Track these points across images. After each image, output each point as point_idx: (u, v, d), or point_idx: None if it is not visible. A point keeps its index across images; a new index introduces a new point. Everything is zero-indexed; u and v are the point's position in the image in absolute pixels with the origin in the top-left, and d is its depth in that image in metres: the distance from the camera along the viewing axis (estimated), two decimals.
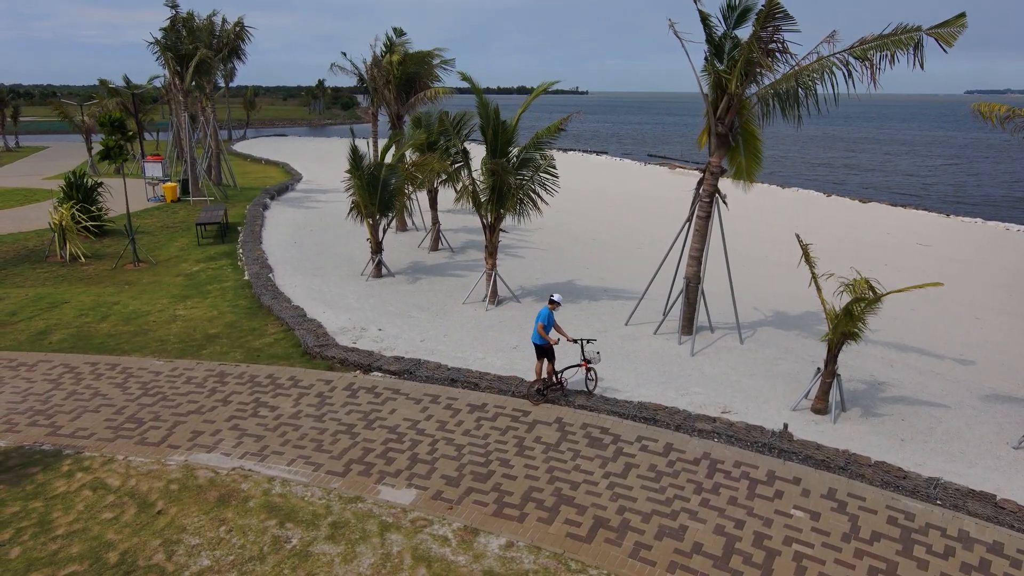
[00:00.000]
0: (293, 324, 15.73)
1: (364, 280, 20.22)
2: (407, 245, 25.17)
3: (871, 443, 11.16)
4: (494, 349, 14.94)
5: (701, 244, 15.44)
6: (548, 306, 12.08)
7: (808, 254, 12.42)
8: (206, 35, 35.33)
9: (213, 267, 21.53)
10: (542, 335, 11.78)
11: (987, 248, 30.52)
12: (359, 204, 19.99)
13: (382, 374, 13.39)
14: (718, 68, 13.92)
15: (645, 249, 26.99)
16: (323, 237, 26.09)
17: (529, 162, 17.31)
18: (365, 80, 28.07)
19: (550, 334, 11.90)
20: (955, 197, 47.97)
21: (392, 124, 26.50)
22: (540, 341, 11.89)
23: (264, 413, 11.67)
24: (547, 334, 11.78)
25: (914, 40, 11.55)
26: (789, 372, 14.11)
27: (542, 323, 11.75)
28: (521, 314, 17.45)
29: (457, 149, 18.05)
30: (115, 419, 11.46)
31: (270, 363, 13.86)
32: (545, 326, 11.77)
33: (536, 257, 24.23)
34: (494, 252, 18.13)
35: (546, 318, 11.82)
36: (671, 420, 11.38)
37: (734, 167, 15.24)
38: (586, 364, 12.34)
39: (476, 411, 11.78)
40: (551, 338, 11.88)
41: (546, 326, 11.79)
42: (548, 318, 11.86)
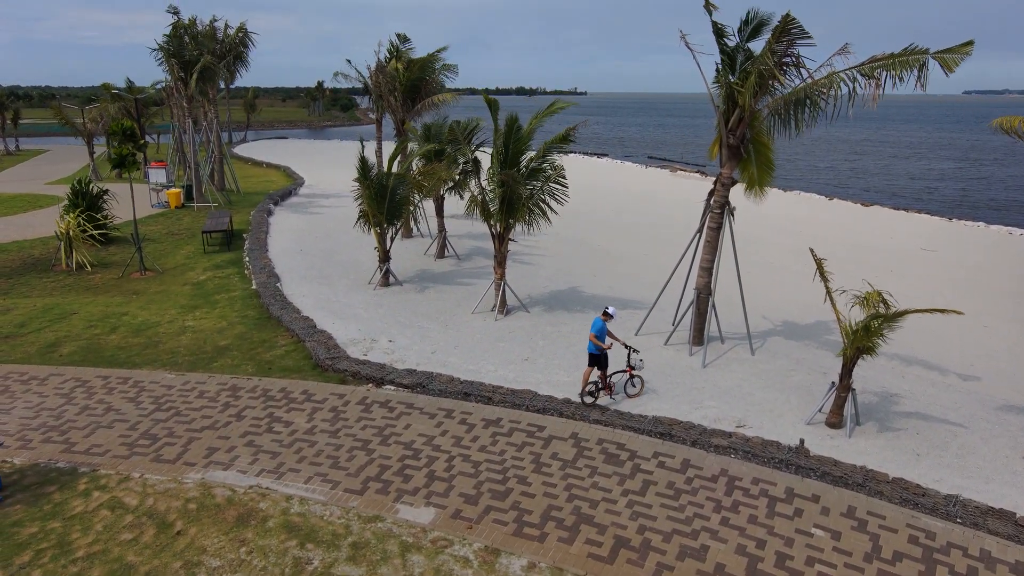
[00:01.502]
0: (303, 336, 15.70)
1: (372, 289, 20.20)
2: (413, 252, 25.15)
3: (887, 458, 11.15)
4: (505, 361, 14.92)
5: (712, 255, 15.43)
6: (601, 317, 12.70)
7: (822, 268, 12.40)
8: (209, 41, 35.28)
9: (220, 276, 21.49)
10: (595, 343, 12.42)
11: (992, 253, 30.51)
12: (367, 213, 19.96)
13: (395, 387, 13.37)
14: (730, 80, 13.91)
15: (652, 256, 26.99)
16: (329, 244, 26.06)
17: (539, 172, 17.29)
18: (369, 87, 28.07)
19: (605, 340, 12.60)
20: (957, 201, 47.99)
21: (397, 130, 26.48)
22: (594, 350, 12.54)
23: (279, 429, 11.64)
24: (601, 343, 12.45)
25: (920, 62, 11.56)
26: (801, 384, 14.11)
27: (594, 333, 12.43)
28: (530, 324, 17.43)
29: (467, 158, 18.03)
30: (129, 435, 11.43)
31: (282, 376, 13.83)
32: (597, 336, 12.44)
33: (542, 264, 24.22)
34: (503, 262, 18.11)
35: (599, 329, 12.50)
36: (687, 435, 11.37)
37: (745, 178, 15.23)
38: (631, 371, 12.99)
39: (491, 426, 11.76)
40: (604, 344, 12.50)
41: (598, 336, 12.45)
42: (601, 329, 12.53)
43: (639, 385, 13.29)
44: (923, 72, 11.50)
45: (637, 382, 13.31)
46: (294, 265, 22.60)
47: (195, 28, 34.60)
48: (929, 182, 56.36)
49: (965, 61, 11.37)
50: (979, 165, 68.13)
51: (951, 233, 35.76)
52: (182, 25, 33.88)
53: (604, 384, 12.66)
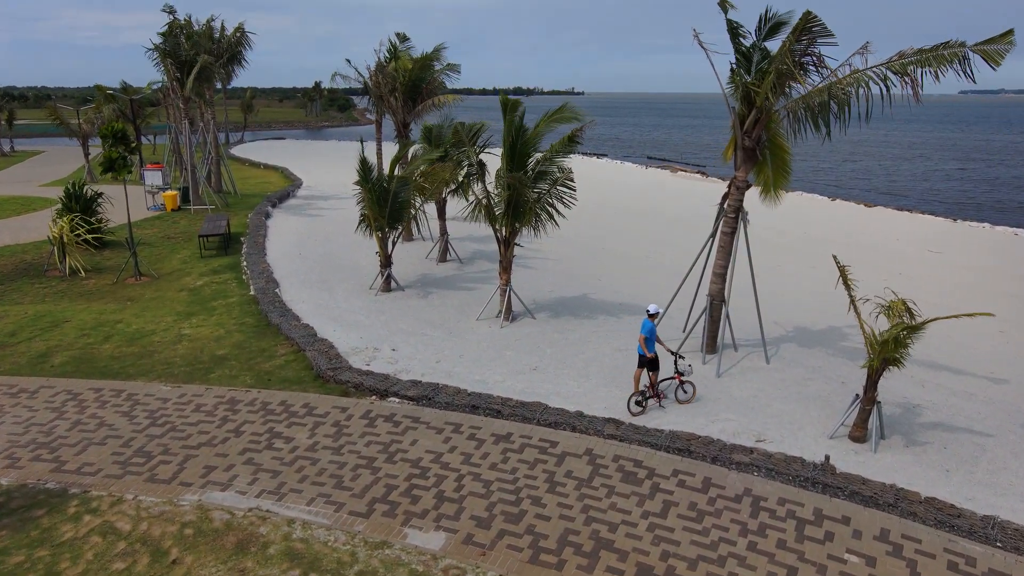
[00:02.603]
0: (303, 344, 15.18)
1: (373, 295, 19.68)
2: (414, 256, 24.63)
3: (916, 475, 10.69)
4: (513, 371, 14.42)
5: (726, 261, 14.96)
6: (648, 318, 12.51)
7: (846, 277, 11.94)
8: (206, 41, 34.71)
9: (217, 281, 20.95)
10: (643, 346, 12.29)
11: (999, 255, 30.10)
12: (368, 216, 19.45)
13: (399, 400, 12.86)
14: (746, 81, 13.43)
15: (655, 258, 26.53)
16: (328, 247, 25.53)
17: (546, 174, 16.80)
18: (369, 88, 27.54)
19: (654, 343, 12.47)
20: (961, 201, 47.59)
21: (398, 132, 25.96)
22: (644, 353, 12.41)
23: (279, 445, 11.13)
24: (648, 348, 12.32)
25: (959, 56, 11.08)
26: (820, 394, 13.63)
27: (644, 335, 12.25)
28: (537, 331, 16.93)
29: (472, 161, 17.53)
30: (122, 452, 10.90)
31: (282, 388, 13.31)
32: (648, 338, 12.25)
33: (546, 268, 23.72)
34: (509, 267, 17.61)
35: (649, 331, 12.32)
36: (706, 451, 10.88)
37: (761, 181, 14.76)
38: (679, 377, 12.77)
39: (501, 441, 11.26)
40: (649, 351, 12.37)
41: (648, 338, 12.27)
42: (651, 331, 12.35)
43: (691, 391, 13.05)
44: (966, 66, 11.00)
45: (688, 388, 13.09)
46: (293, 270, 22.08)
47: (191, 28, 34.02)
48: (932, 183, 56.01)
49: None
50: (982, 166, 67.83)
51: (956, 234, 35.36)
52: (178, 24, 33.32)
53: (654, 392, 12.49)
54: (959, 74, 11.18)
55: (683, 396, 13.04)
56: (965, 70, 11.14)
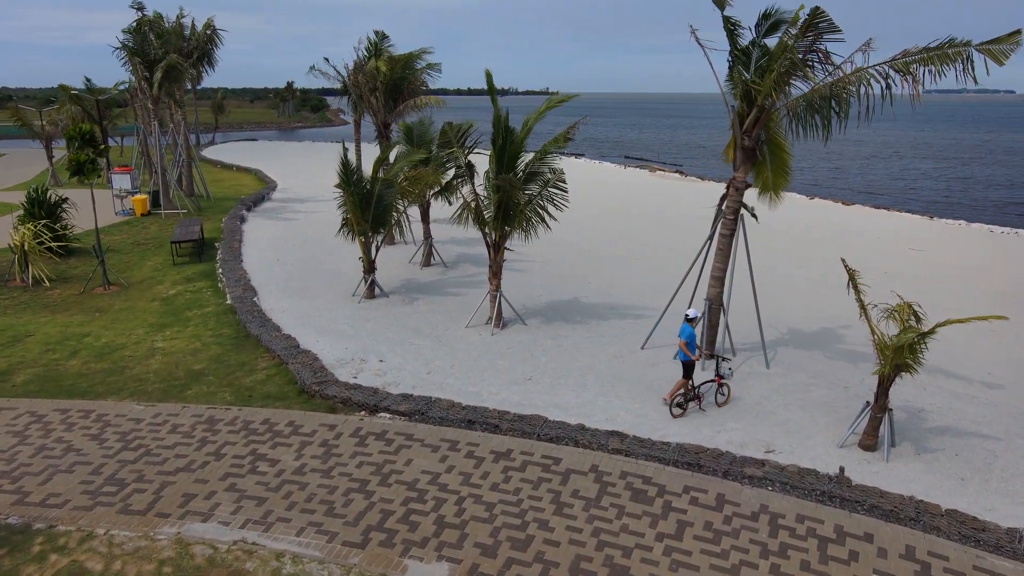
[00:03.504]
0: (286, 357, 14.41)
1: (357, 302, 18.93)
2: (398, 260, 23.90)
3: (931, 485, 10.34)
4: (508, 381, 13.83)
5: (724, 263, 14.54)
6: (688, 323, 12.38)
7: (855, 280, 11.56)
8: (176, 39, 33.52)
9: (191, 290, 20.01)
10: (685, 352, 12.18)
11: (979, 252, 30.27)
12: (351, 221, 18.70)
13: (391, 415, 12.19)
14: (747, 79, 13.01)
15: (642, 258, 26.15)
16: (307, 253, 24.67)
17: (537, 176, 16.24)
18: (348, 86, 26.73)
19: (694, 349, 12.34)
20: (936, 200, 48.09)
21: (379, 133, 25.19)
22: (684, 358, 12.28)
23: (264, 469, 10.39)
24: (691, 352, 12.18)
25: (963, 55, 10.77)
26: (824, 400, 13.27)
27: (684, 341, 12.14)
28: (529, 338, 16.36)
29: (460, 163, 16.90)
30: (92, 481, 10.07)
31: (264, 405, 12.55)
32: (688, 343, 12.15)
33: (533, 271, 23.17)
34: (498, 272, 17.01)
35: (690, 336, 12.19)
36: (717, 465, 10.41)
37: (760, 182, 14.37)
38: (719, 380, 12.64)
39: (501, 459, 10.66)
40: (694, 354, 12.21)
41: (689, 343, 12.16)
42: (691, 336, 12.22)
43: (727, 393, 12.91)
44: (968, 66, 10.70)
45: (725, 390, 12.93)
46: (271, 277, 21.21)
47: (161, 25, 32.80)
48: (907, 182, 56.65)
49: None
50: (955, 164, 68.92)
51: (935, 232, 35.58)
52: (147, 22, 32.08)
53: (694, 395, 12.34)
54: (960, 74, 10.87)
55: (720, 399, 12.91)
56: (967, 70, 10.83)
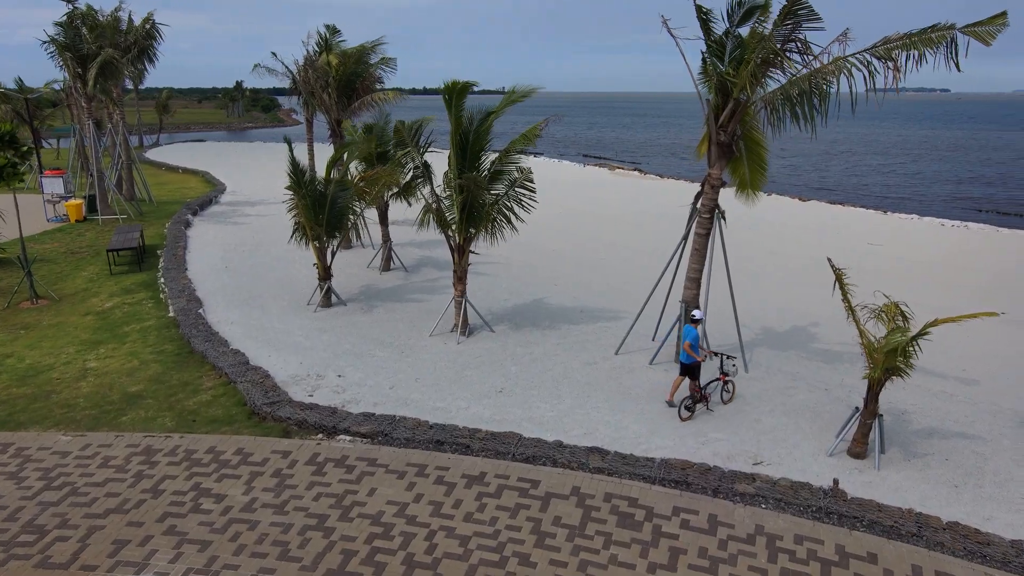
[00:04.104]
0: (234, 375, 13.22)
1: (312, 311, 17.75)
2: (355, 265, 22.73)
3: (926, 494, 9.88)
4: (478, 395, 12.95)
5: (700, 264, 13.95)
6: (691, 324, 12.18)
7: (843, 282, 11.04)
8: (111, 33, 31.49)
9: (130, 302, 18.50)
10: (689, 353, 11.91)
11: (936, 246, 30.62)
12: (303, 225, 17.52)
13: (351, 438, 11.16)
14: (721, 71, 12.41)
15: (608, 259, 25.53)
16: (258, 259, 23.28)
17: (502, 175, 15.39)
18: (297, 83, 25.41)
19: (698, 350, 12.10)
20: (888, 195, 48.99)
21: (332, 131, 23.97)
22: (688, 360, 12.03)
23: (208, 506, 9.27)
24: (696, 353, 11.94)
25: (947, 39, 10.36)
26: (807, 405, 12.79)
27: (689, 343, 11.89)
28: (498, 346, 15.50)
29: (417, 163, 15.92)
30: (7, 529, 8.80)
31: (210, 430, 11.38)
32: (692, 345, 11.91)
33: (498, 273, 22.31)
34: (463, 277, 16.10)
35: (694, 338, 11.96)
36: (705, 482, 9.73)
37: (736, 179, 13.83)
38: (724, 377, 12.50)
39: (474, 484, 9.77)
40: (699, 356, 11.96)
41: (693, 344, 11.92)
42: (696, 337, 12.00)
43: (732, 390, 12.82)
44: (952, 50, 10.27)
45: (730, 387, 12.82)
46: (219, 286, 19.82)
47: (94, 18, 30.75)
48: (859, 178, 57.74)
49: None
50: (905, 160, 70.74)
51: (890, 226, 35.93)
52: (79, 14, 30.01)
53: (701, 396, 12.13)
54: (946, 59, 10.46)
55: (726, 396, 12.77)
56: (951, 54, 10.42)
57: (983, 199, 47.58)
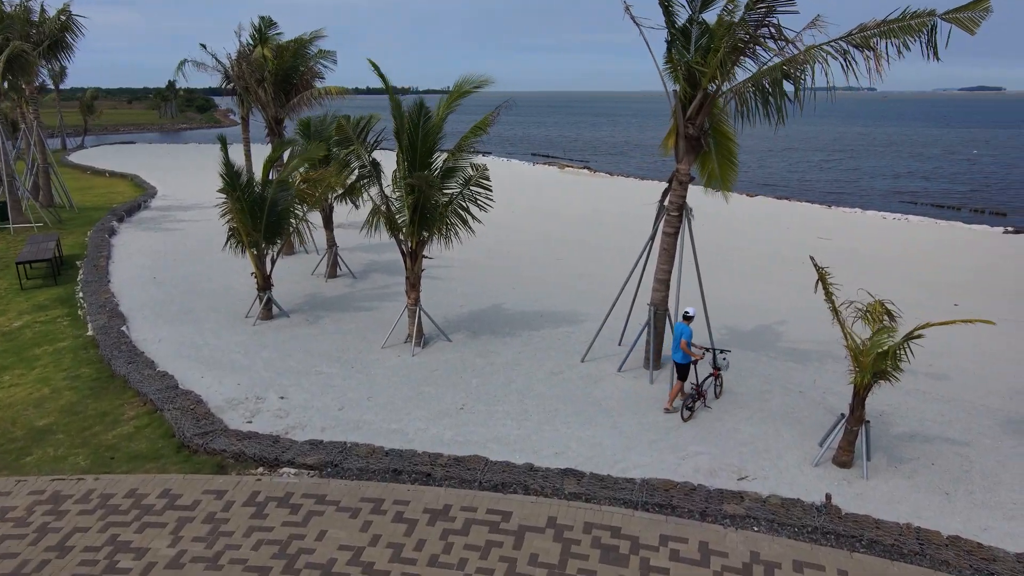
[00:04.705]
0: (161, 402, 11.75)
1: (251, 325, 16.28)
2: (298, 273, 21.25)
3: (919, 504, 9.34)
4: (437, 413, 11.86)
5: (669, 265, 13.22)
6: (684, 322, 11.81)
7: (826, 281, 10.43)
8: (21, 24, 28.91)
9: (42, 320, 16.62)
10: (687, 351, 11.60)
11: (881, 238, 31.02)
12: (239, 231, 16.04)
13: (296, 471, 9.92)
14: (688, 59, 11.67)
15: (565, 258, 24.75)
16: (191, 268, 21.52)
17: (455, 173, 14.34)
18: (230, 77, 23.71)
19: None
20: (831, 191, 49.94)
21: (270, 129, 22.39)
22: (685, 360, 11.72)
23: (126, 564, 7.91)
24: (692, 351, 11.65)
25: (927, 25, 9.86)
26: (784, 410, 12.20)
27: (686, 340, 11.56)
28: (456, 358, 14.44)
29: (364, 162, 14.69)
30: None
31: (131, 469, 9.95)
32: (689, 343, 11.59)
33: (452, 278, 21.21)
34: (417, 283, 14.96)
35: (690, 335, 11.65)
36: (691, 504, 8.93)
37: (705, 174, 13.16)
38: (716, 372, 12.29)
39: (438, 520, 8.71)
40: (697, 354, 11.68)
41: (689, 343, 11.60)
42: (690, 335, 11.68)
43: (721, 384, 12.61)
44: (933, 37, 9.77)
45: (720, 381, 12.60)
46: (146, 299, 18.08)
47: (0, 8, 28.15)
48: (802, 173, 58.91)
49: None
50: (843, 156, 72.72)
51: (835, 220, 36.43)
52: None
53: (698, 394, 11.79)
54: (925, 47, 9.98)
55: (717, 391, 12.61)
56: (932, 41, 9.94)
57: (919, 192, 49.03)
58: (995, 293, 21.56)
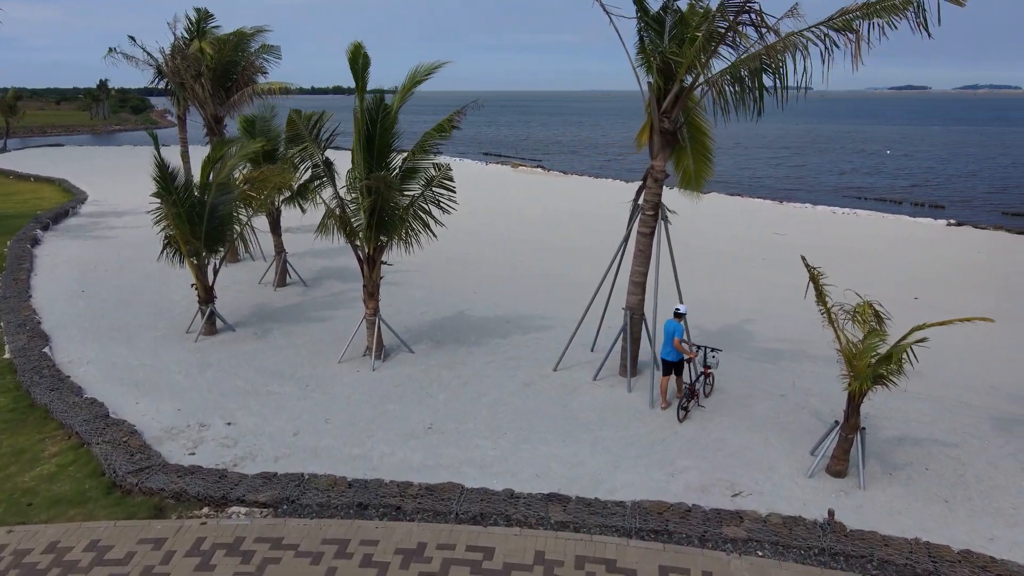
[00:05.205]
0: (88, 435, 10.41)
1: (193, 341, 14.90)
2: (244, 282, 19.83)
3: (921, 514, 8.90)
4: (403, 434, 10.88)
5: (645, 267, 12.56)
6: (675, 319, 11.51)
7: (818, 282, 9.90)
8: None
9: None
10: (681, 349, 11.36)
11: (835, 233, 31.33)
12: (177, 239, 14.64)
13: (247, 510, 8.80)
14: (663, 49, 11.01)
15: (525, 260, 23.96)
16: (125, 280, 19.83)
17: (416, 173, 13.36)
18: (165, 73, 22.06)
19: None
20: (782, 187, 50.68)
21: (209, 128, 20.87)
22: (676, 357, 11.45)
23: None
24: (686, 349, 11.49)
25: (914, 3, 9.42)
26: (768, 416, 11.69)
27: (679, 338, 11.33)
28: (420, 371, 13.46)
29: (317, 161, 13.55)
30: None
31: (52, 517, 8.64)
32: (680, 341, 11.35)
33: (410, 283, 20.13)
34: (375, 292, 13.91)
35: (682, 332, 11.43)
36: (689, 528, 8.23)
37: (680, 171, 12.55)
38: (707, 371, 12.02)
39: (412, 561, 7.75)
40: (689, 351, 11.53)
41: (681, 341, 11.37)
42: (682, 332, 11.46)
43: (712, 383, 12.37)
44: (921, 15, 9.33)
45: (711, 380, 12.35)
46: (73, 315, 16.43)
47: None
48: (752, 170, 59.80)
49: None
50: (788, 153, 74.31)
51: (788, 216, 36.74)
52: None
53: (692, 393, 11.52)
54: (913, 25, 9.54)
55: (707, 390, 12.34)
56: (920, 20, 9.50)
57: (864, 188, 50.22)
58: (951, 285, 21.81)
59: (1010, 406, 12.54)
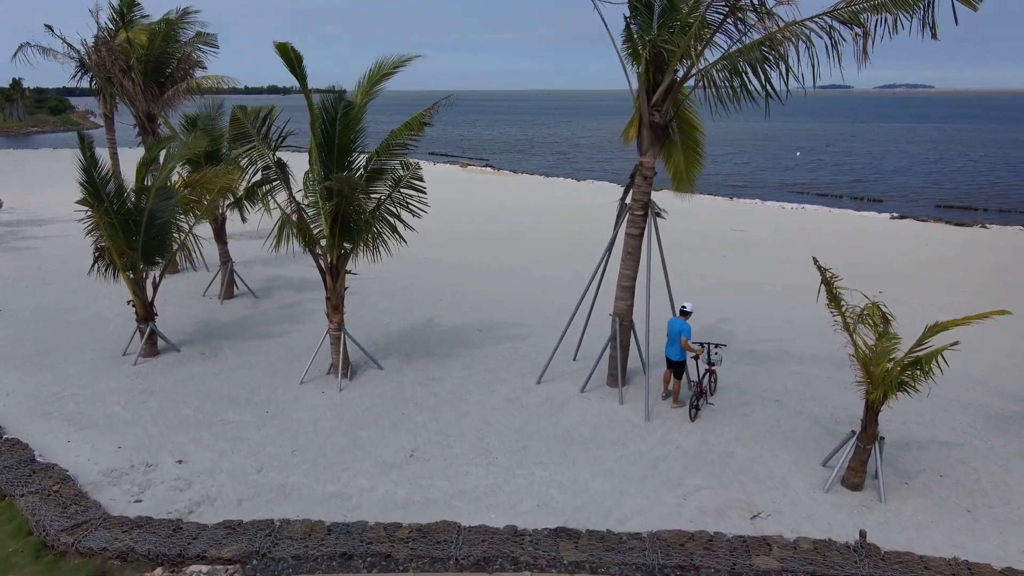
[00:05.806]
0: (10, 485, 8.87)
1: (132, 365, 13.29)
2: (187, 295, 18.13)
3: (948, 527, 8.44)
4: (382, 465, 9.75)
5: (634, 271, 11.82)
6: (681, 318, 11.41)
7: (831, 285, 9.31)
8: None
9: None
10: (688, 349, 11.19)
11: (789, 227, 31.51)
12: (110, 250, 13.01)
13: (209, 568, 7.53)
14: (653, 37, 10.24)
15: (488, 263, 22.98)
16: (48, 295, 17.84)
17: (382, 174, 12.21)
18: (89, 67, 20.04)
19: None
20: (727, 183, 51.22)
21: (142, 128, 19.03)
22: (681, 357, 11.39)
23: None
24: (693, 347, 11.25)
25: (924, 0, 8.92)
26: (770, 424, 11.12)
27: (685, 338, 11.11)
28: (393, 389, 12.32)
29: (268, 162, 12.20)
30: None
31: None
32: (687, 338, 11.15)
33: (371, 291, 18.82)
34: (340, 304, 12.68)
35: (689, 332, 11.24)
36: (717, 562, 7.45)
37: (670, 169, 11.85)
38: (711, 368, 11.77)
39: None
40: (697, 349, 11.32)
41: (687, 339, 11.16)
42: (690, 331, 11.26)
43: (715, 381, 12.14)
44: (931, 12, 8.84)
45: (714, 378, 12.10)
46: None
47: None
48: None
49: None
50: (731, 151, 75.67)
51: (741, 212, 36.96)
52: None
53: (699, 391, 11.28)
54: (923, 22, 9.07)
55: (713, 387, 12.12)
56: (930, 17, 9.03)
57: (808, 183, 51.32)
58: (914, 278, 21.99)
59: (997, 401, 12.37)
